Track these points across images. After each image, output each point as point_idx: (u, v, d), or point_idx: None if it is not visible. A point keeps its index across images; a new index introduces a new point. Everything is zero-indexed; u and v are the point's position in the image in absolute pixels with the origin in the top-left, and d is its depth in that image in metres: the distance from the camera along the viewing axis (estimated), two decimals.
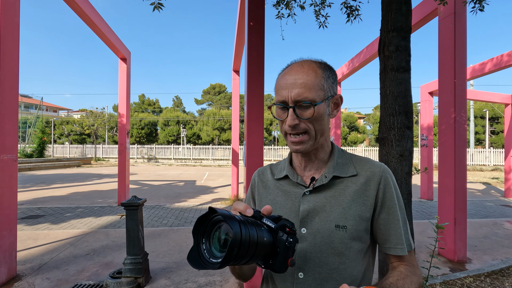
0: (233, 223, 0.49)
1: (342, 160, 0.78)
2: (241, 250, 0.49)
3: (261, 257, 0.56)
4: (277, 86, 0.73)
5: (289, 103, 0.69)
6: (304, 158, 0.78)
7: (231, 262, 0.50)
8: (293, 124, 0.69)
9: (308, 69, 0.71)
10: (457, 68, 3.68)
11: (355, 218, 0.71)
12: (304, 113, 0.69)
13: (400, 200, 0.76)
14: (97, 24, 5.32)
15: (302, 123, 0.70)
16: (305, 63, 0.72)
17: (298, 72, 0.70)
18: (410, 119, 2.26)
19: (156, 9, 2.69)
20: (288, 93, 0.69)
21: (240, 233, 0.49)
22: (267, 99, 36.66)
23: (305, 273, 0.71)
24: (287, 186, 0.80)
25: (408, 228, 0.75)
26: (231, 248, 0.47)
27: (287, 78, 0.71)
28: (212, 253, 0.53)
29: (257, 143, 3.00)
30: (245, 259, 0.52)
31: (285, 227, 0.58)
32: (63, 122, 31.76)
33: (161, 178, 13.16)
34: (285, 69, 0.75)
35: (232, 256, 0.48)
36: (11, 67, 3.14)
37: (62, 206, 6.84)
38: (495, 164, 21.89)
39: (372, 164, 0.77)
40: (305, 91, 0.68)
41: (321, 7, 3.66)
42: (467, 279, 3.20)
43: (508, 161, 8.62)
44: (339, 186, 0.74)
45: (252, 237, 0.51)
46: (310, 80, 0.69)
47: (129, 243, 2.93)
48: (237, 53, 7.45)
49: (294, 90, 0.68)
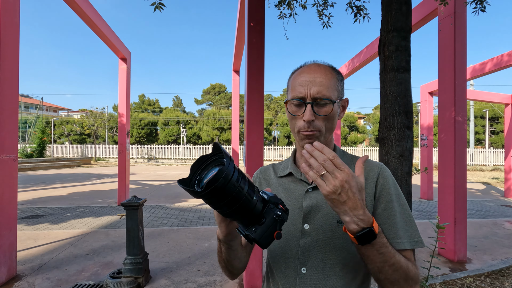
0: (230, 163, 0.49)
1: (343, 160, 0.79)
2: (226, 189, 0.48)
3: (244, 218, 0.55)
4: (294, 83, 0.75)
5: (307, 99, 0.71)
6: None
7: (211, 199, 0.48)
8: (310, 120, 0.71)
9: (325, 70, 0.74)
10: (457, 68, 3.68)
11: None
12: (321, 110, 0.72)
13: (401, 198, 0.75)
14: (97, 24, 5.32)
15: (317, 121, 0.72)
16: (321, 65, 0.76)
17: (316, 71, 0.73)
18: (410, 119, 2.26)
19: (157, 9, 2.68)
20: (307, 90, 0.71)
21: (232, 173, 0.48)
22: (267, 99, 36.66)
23: (308, 268, 0.73)
24: (290, 183, 0.81)
25: (412, 226, 0.73)
26: (216, 177, 0.46)
27: (306, 76, 0.73)
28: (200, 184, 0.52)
29: (257, 143, 3.00)
30: (228, 205, 0.50)
31: (278, 204, 0.58)
32: (63, 122, 31.76)
33: (161, 178, 13.16)
34: (301, 68, 0.77)
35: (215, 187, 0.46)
36: (11, 67, 3.14)
37: (62, 206, 6.84)
38: (495, 164, 21.89)
39: (370, 163, 0.79)
40: (323, 89, 0.71)
41: (324, 7, 3.65)
42: (467, 279, 3.20)
43: (508, 161, 8.61)
44: None
45: (241, 186, 0.50)
46: (328, 80, 0.72)
47: (129, 243, 2.93)
48: (237, 53, 7.45)
49: (314, 87, 0.71)
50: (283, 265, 0.76)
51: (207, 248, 4.10)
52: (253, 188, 0.55)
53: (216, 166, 0.53)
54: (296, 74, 0.76)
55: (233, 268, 0.78)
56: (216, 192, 0.47)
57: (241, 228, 0.57)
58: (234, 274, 0.81)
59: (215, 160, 0.54)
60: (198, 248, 4.10)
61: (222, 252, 0.74)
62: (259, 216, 0.55)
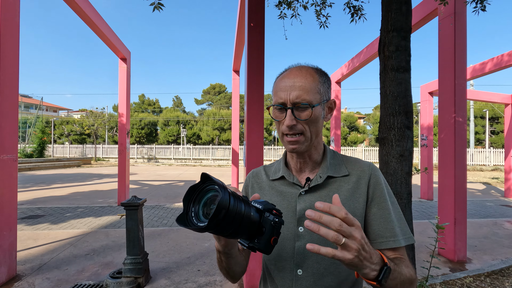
0: (224, 192, 0.50)
1: (335, 161, 0.81)
2: (227, 217, 0.50)
3: (246, 234, 0.57)
4: (276, 89, 0.76)
5: (287, 104, 0.72)
6: (299, 159, 0.81)
7: (216, 230, 0.50)
8: (291, 125, 0.72)
9: (306, 73, 0.74)
10: (457, 68, 3.68)
11: (351, 213, 0.72)
12: (302, 114, 0.72)
13: (392, 197, 0.77)
14: (97, 24, 5.32)
15: (299, 124, 0.73)
16: (303, 68, 0.76)
17: (296, 75, 0.73)
18: (410, 119, 2.26)
19: (156, 9, 2.68)
20: (287, 95, 0.72)
21: (229, 201, 0.50)
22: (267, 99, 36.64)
23: (303, 270, 0.74)
24: (283, 186, 0.82)
25: (404, 223, 0.75)
26: (217, 211, 0.48)
27: (286, 81, 0.73)
28: (199, 217, 0.54)
29: (257, 143, 3.00)
30: (230, 230, 0.52)
31: (272, 210, 0.60)
32: (63, 122, 31.75)
33: (161, 178, 13.16)
34: (284, 72, 0.77)
35: (218, 219, 0.48)
36: (11, 67, 3.14)
37: (62, 206, 6.84)
38: (495, 164, 21.88)
39: (362, 164, 0.80)
40: (303, 93, 0.71)
41: (322, 7, 3.66)
42: (467, 279, 3.20)
43: (508, 161, 8.61)
44: (333, 186, 0.77)
45: (239, 209, 0.52)
46: (308, 83, 0.72)
47: (129, 243, 2.93)
48: (237, 53, 7.46)
49: (293, 92, 0.71)
50: (280, 267, 0.78)
51: (207, 248, 4.10)
52: (247, 203, 0.57)
53: (207, 192, 0.55)
54: (278, 80, 0.77)
55: (235, 273, 0.79)
56: (220, 224, 0.50)
57: (243, 241, 0.60)
58: (236, 278, 0.82)
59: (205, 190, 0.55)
60: (198, 248, 4.10)
61: (222, 261, 0.75)
62: (258, 227, 0.58)
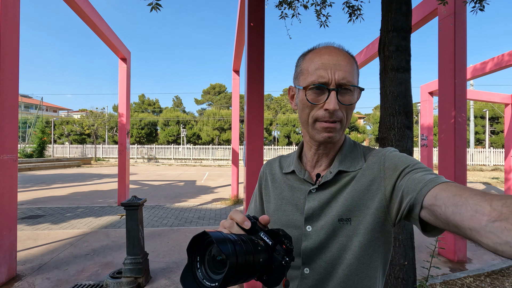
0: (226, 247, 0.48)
1: (352, 154, 0.73)
2: (236, 275, 0.49)
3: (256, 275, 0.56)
4: (313, 66, 0.64)
5: (330, 85, 0.62)
6: (319, 151, 0.72)
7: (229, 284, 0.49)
8: (335, 109, 0.62)
9: (347, 54, 0.66)
10: (457, 68, 3.68)
11: (361, 209, 0.68)
12: (345, 98, 0.64)
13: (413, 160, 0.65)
14: (97, 24, 5.32)
15: (341, 110, 0.64)
16: (341, 49, 0.67)
17: (338, 54, 0.64)
18: (410, 119, 2.25)
19: (153, 9, 2.66)
20: (331, 74, 0.62)
21: (236, 261, 0.48)
22: (267, 99, 36.66)
23: (310, 269, 0.71)
24: (295, 181, 0.77)
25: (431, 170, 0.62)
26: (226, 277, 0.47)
27: (327, 58, 0.63)
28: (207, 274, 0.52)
29: (257, 143, 3.00)
30: (241, 281, 0.52)
31: (282, 243, 0.57)
32: (63, 122, 31.75)
33: (161, 178, 13.16)
34: (318, 49, 0.67)
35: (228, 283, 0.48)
36: (11, 67, 3.14)
37: (62, 206, 6.84)
38: (495, 164, 21.88)
39: (378, 155, 0.71)
40: (348, 74, 0.63)
41: (322, 7, 3.65)
42: (467, 279, 3.20)
43: (508, 161, 8.61)
44: (344, 180, 0.70)
45: (248, 262, 0.50)
46: (351, 64, 0.64)
47: (129, 243, 2.93)
48: (237, 53, 7.45)
49: (339, 72, 0.62)
50: None
51: None
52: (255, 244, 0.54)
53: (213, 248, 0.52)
54: (312, 55, 0.66)
55: None
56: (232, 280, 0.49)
57: None
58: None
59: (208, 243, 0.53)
60: None
61: None
62: (268, 266, 0.56)
